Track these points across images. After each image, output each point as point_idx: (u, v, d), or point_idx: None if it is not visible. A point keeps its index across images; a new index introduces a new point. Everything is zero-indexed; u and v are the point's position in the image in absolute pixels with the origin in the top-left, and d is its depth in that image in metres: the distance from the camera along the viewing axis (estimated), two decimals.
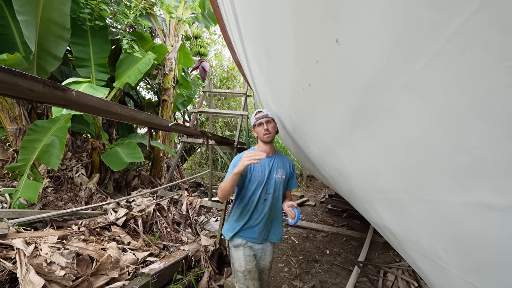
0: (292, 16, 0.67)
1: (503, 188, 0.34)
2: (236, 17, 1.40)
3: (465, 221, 0.44)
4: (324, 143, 1.08)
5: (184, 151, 7.36)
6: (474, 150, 0.35)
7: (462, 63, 0.31)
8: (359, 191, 1.06)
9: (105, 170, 4.04)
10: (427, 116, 0.41)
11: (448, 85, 0.34)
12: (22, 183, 2.62)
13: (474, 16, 0.27)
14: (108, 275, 1.94)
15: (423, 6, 0.32)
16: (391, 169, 0.61)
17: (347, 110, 0.66)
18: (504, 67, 0.27)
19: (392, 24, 0.38)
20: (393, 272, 2.76)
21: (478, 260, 0.48)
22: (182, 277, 2.37)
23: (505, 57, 0.26)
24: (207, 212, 4.64)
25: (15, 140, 3.23)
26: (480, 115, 0.32)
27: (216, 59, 9.72)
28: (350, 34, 0.50)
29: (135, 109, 1.61)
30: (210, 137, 2.83)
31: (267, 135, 1.64)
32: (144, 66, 3.94)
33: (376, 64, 0.46)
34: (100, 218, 2.73)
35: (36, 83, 0.94)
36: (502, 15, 0.25)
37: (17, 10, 2.70)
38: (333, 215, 5.10)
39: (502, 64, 0.27)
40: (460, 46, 0.30)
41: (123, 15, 3.77)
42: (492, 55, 0.28)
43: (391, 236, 1.12)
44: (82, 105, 1.18)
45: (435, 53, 0.33)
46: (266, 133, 1.64)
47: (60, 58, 3.32)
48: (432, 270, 0.78)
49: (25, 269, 1.62)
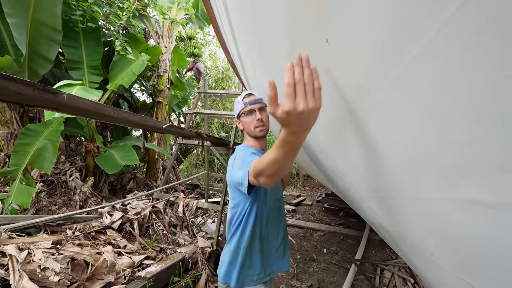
0: (287, 19, 0.68)
1: (491, 185, 0.35)
2: (229, 18, 1.40)
3: (454, 218, 0.45)
4: (318, 142, 1.09)
5: (179, 152, 7.32)
6: (463, 147, 0.36)
7: (449, 60, 0.32)
8: (353, 190, 1.06)
9: (100, 173, 4.00)
10: (416, 114, 0.42)
11: (437, 83, 0.35)
12: (14, 188, 2.58)
13: (457, 13, 0.28)
14: (104, 280, 1.91)
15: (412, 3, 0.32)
16: (383, 167, 0.61)
17: (339, 109, 0.66)
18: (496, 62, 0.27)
19: (383, 22, 0.38)
20: (390, 270, 2.79)
21: (467, 256, 0.49)
22: (179, 279, 2.36)
23: (497, 55, 0.27)
24: (203, 214, 4.63)
25: (7, 144, 3.18)
26: (469, 113, 0.33)
27: (211, 60, 9.69)
28: (341, 33, 0.50)
29: (129, 111, 1.60)
30: (205, 138, 2.82)
31: (260, 127, 1.16)
32: (137, 67, 3.91)
33: (367, 63, 0.47)
34: (95, 222, 2.70)
35: (26, 86, 0.93)
36: (487, 9, 0.25)
37: (7, 13, 2.66)
38: (330, 214, 5.12)
39: (492, 60, 0.27)
40: (445, 43, 0.31)
41: (115, 17, 3.74)
42: (480, 52, 0.28)
43: (386, 234, 1.13)
44: (74, 108, 1.17)
45: (424, 48, 0.33)
46: (260, 125, 1.16)
47: (52, 61, 3.28)
48: (426, 267, 0.79)
49: (18, 276, 1.59)
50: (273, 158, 0.72)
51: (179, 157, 7.53)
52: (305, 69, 0.55)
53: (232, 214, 1.20)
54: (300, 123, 0.57)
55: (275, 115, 0.59)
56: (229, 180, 1.14)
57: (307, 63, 0.56)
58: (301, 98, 0.54)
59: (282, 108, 0.56)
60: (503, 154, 0.31)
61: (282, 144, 0.66)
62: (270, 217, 1.20)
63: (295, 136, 0.61)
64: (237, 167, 1.05)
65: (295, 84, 0.54)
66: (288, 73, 0.55)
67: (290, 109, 0.54)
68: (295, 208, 5.47)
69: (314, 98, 0.55)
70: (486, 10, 0.25)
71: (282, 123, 0.60)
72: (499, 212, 0.35)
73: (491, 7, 0.24)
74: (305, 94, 0.54)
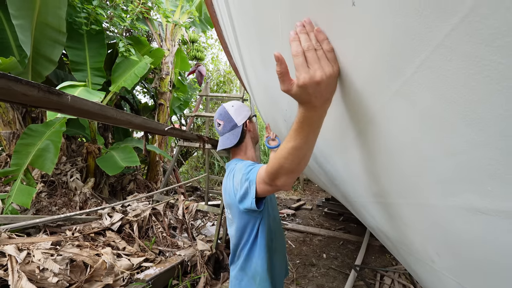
0: (289, 25, 0.68)
1: (491, 193, 0.35)
2: (232, 23, 1.42)
3: (454, 225, 0.45)
4: (318, 147, 1.09)
5: (180, 155, 7.32)
6: (462, 155, 0.36)
7: (449, 70, 0.32)
8: (354, 195, 1.07)
9: (101, 174, 4.00)
10: (417, 122, 0.42)
11: (439, 92, 0.35)
12: (15, 188, 2.58)
13: (457, 28, 0.28)
14: (102, 281, 1.91)
15: (413, 13, 0.33)
16: (384, 173, 0.62)
17: (340, 115, 0.67)
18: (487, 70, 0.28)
19: (385, 30, 0.39)
20: (390, 276, 2.77)
21: (468, 263, 0.49)
22: (178, 282, 2.35)
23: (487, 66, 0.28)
24: (203, 217, 4.61)
25: (9, 144, 3.19)
26: (467, 120, 0.33)
27: (213, 63, 9.75)
28: (343, 42, 0.51)
29: (131, 114, 1.61)
30: (206, 141, 2.82)
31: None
32: (140, 70, 3.94)
33: (368, 70, 0.47)
34: (94, 223, 2.69)
35: (31, 87, 0.94)
36: (483, 27, 0.26)
37: (12, 14, 2.69)
38: (330, 218, 5.10)
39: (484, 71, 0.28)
40: (447, 55, 0.31)
41: (119, 19, 3.77)
42: (476, 63, 0.29)
43: (386, 239, 1.13)
44: (77, 110, 1.18)
45: (427, 57, 0.34)
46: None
47: (55, 62, 3.31)
48: (427, 274, 0.79)
49: (17, 276, 1.59)
50: (292, 146, 0.61)
51: (180, 159, 7.53)
52: (310, 33, 0.50)
53: (238, 238, 1.05)
54: (320, 94, 0.50)
55: (289, 92, 0.52)
56: (228, 200, 1.03)
57: (311, 27, 0.50)
58: (316, 65, 0.47)
59: (296, 83, 0.49)
60: (503, 162, 0.31)
61: (301, 125, 0.56)
62: (277, 230, 1.11)
63: (315, 111, 0.53)
64: (238, 181, 0.94)
65: (304, 52, 0.48)
66: (294, 43, 0.49)
67: (306, 80, 0.47)
68: (295, 212, 5.45)
69: (329, 62, 0.48)
70: (490, 22, 0.25)
71: (300, 99, 0.52)
72: (500, 220, 0.36)
73: (496, 18, 0.25)
74: (319, 60, 0.48)
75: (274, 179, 0.73)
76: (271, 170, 0.73)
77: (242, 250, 1.06)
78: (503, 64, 0.26)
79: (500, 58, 0.26)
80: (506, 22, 0.24)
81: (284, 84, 0.51)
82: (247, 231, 1.02)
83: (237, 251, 1.09)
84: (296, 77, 0.49)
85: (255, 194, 0.84)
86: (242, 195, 0.90)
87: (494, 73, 0.27)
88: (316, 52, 0.48)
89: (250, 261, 1.03)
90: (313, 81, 0.47)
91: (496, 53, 0.26)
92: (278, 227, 1.14)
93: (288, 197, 6.92)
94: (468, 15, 0.26)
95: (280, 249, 1.14)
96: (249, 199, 0.87)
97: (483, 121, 0.31)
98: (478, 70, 0.29)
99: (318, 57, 0.48)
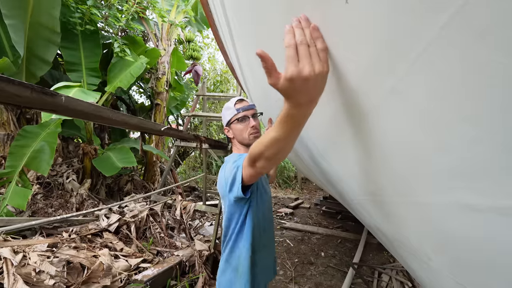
0: (283, 23, 0.68)
1: (486, 190, 0.35)
2: (228, 23, 1.41)
3: (451, 222, 0.45)
4: (315, 145, 1.09)
5: (177, 155, 7.30)
6: (455, 152, 0.36)
7: (443, 66, 0.32)
8: (350, 192, 1.07)
9: (97, 175, 3.97)
10: (413, 119, 0.42)
11: (434, 87, 0.35)
12: (10, 190, 2.55)
13: (451, 22, 0.28)
14: (100, 283, 1.89)
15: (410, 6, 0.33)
16: (379, 171, 0.62)
17: (336, 112, 0.67)
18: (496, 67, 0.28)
19: (381, 25, 0.39)
20: (388, 273, 2.78)
21: (465, 260, 0.49)
22: (176, 283, 2.34)
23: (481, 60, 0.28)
24: (201, 217, 4.60)
25: (3, 146, 3.15)
26: (462, 117, 0.33)
27: (209, 63, 9.72)
28: (337, 39, 0.51)
29: (127, 114, 1.60)
30: (203, 141, 2.81)
31: (254, 134, 1.12)
32: (136, 70, 3.91)
33: (363, 67, 0.47)
34: (91, 225, 2.67)
35: (24, 88, 0.93)
36: (476, 21, 0.26)
37: (5, 14, 2.66)
38: (328, 217, 5.12)
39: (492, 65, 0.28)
40: (443, 48, 0.31)
41: (114, 19, 3.74)
42: (470, 57, 0.29)
43: (383, 237, 1.13)
44: (72, 110, 1.17)
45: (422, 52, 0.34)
46: (254, 132, 1.12)
47: (50, 63, 3.27)
48: (424, 271, 0.79)
49: (13, 279, 1.57)
50: (274, 137, 0.63)
51: (177, 159, 7.50)
52: (306, 29, 0.49)
53: (226, 227, 1.08)
54: (307, 91, 0.49)
55: (276, 85, 0.51)
56: (220, 188, 1.05)
57: (307, 23, 0.49)
58: (305, 60, 0.46)
59: (284, 75, 0.48)
60: (499, 159, 0.32)
61: (285, 120, 0.57)
62: (267, 228, 1.11)
63: (300, 108, 0.53)
64: (229, 169, 0.97)
65: (296, 45, 0.47)
66: (288, 35, 0.48)
67: (294, 74, 0.46)
68: (293, 211, 5.46)
69: (320, 60, 0.47)
70: (485, 13, 0.25)
71: (286, 93, 0.52)
72: (493, 217, 0.36)
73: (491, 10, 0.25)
74: (310, 56, 0.47)
75: (254, 161, 0.78)
76: (253, 152, 0.77)
77: (228, 240, 1.08)
78: (497, 61, 0.26)
79: (494, 56, 0.26)
80: (497, 17, 0.24)
81: (271, 78, 0.51)
82: (234, 220, 1.04)
83: (225, 242, 1.11)
84: (285, 69, 0.48)
85: (241, 180, 0.88)
86: (231, 183, 0.93)
87: (488, 69, 0.27)
88: (308, 48, 0.48)
89: (234, 252, 1.05)
90: (301, 76, 0.46)
91: (489, 49, 0.26)
92: (268, 226, 1.15)
93: (286, 196, 6.93)
94: (459, 11, 0.26)
95: (268, 249, 1.15)
96: (236, 185, 0.90)
97: (477, 118, 0.31)
98: (472, 66, 0.29)
99: (310, 53, 0.48)
